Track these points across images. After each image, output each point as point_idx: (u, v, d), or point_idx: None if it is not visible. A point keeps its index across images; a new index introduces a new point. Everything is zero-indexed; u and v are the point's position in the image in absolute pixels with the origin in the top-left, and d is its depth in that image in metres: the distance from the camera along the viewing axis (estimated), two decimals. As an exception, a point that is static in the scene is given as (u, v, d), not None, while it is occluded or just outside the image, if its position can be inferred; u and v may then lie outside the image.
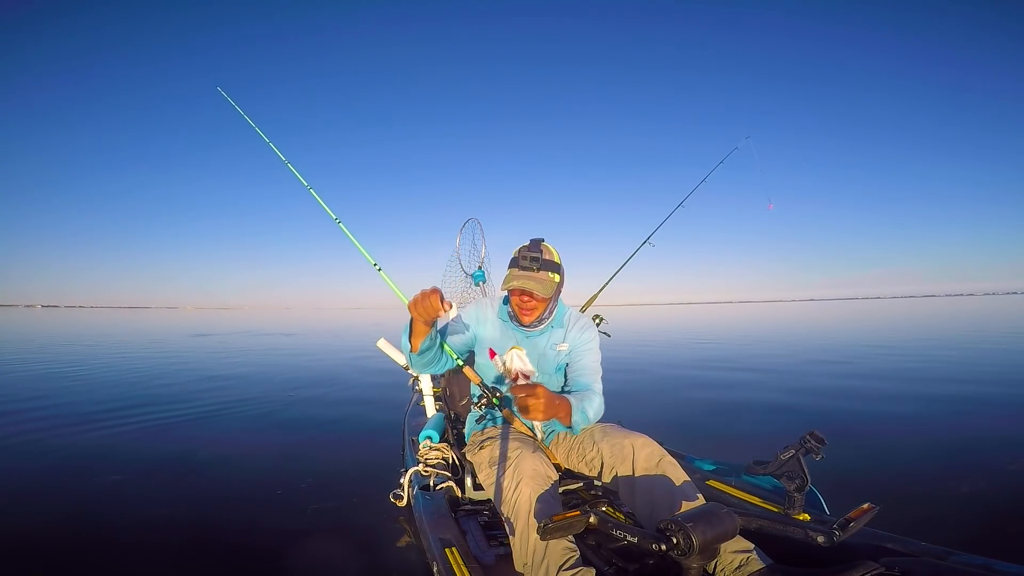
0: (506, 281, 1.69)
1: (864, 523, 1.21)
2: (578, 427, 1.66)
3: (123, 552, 2.15)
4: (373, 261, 2.21)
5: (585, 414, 1.64)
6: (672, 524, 1.01)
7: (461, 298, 2.97)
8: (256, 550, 2.17)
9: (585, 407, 1.65)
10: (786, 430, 3.76)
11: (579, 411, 1.62)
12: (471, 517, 1.82)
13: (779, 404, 5.16)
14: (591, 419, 1.68)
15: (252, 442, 3.91)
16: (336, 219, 2.25)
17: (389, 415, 4.26)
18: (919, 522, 2.21)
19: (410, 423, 2.84)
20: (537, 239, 1.75)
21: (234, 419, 4.72)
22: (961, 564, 1.21)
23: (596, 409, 1.71)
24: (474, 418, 1.92)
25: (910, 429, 4.04)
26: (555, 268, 1.70)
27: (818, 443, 1.50)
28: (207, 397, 5.71)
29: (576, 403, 1.62)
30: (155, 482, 3.00)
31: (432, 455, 2.03)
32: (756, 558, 1.32)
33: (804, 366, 8.06)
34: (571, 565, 1.31)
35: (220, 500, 2.75)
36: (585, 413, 1.64)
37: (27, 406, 5.21)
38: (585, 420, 1.65)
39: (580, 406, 1.63)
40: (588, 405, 1.67)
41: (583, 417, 1.64)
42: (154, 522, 2.43)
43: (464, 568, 1.35)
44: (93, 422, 4.45)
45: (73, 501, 2.71)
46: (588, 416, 1.66)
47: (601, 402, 1.75)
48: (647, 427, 1.74)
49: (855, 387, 5.96)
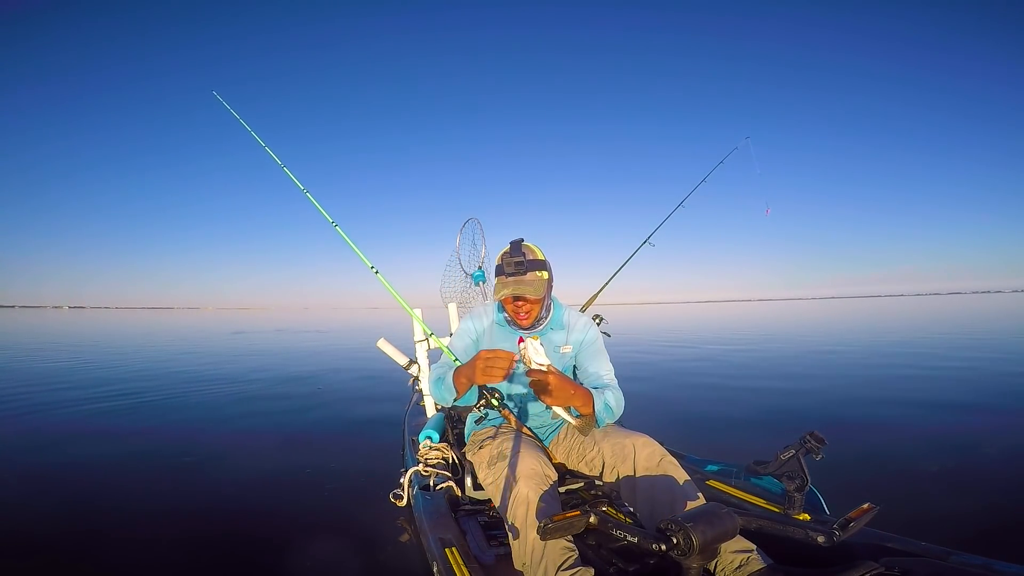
0: (496, 291, 1.68)
1: (864, 523, 1.21)
2: (602, 419, 1.59)
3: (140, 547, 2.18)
4: (370, 264, 2.21)
5: (609, 406, 1.60)
6: (672, 524, 1.01)
7: (461, 298, 2.97)
8: (256, 549, 2.17)
9: (608, 399, 1.61)
10: (786, 430, 3.77)
11: (602, 402, 1.57)
12: (471, 517, 1.82)
13: (779, 404, 5.16)
14: (615, 411, 1.63)
15: (252, 441, 3.92)
16: (333, 222, 2.25)
17: (389, 415, 4.26)
18: (919, 522, 2.21)
19: (410, 423, 2.84)
20: (517, 240, 1.72)
21: (240, 418, 4.72)
22: (961, 564, 1.21)
23: (618, 402, 1.66)
24: (474, 418, 1.92)
25: (910, 429, 4.04)
26: (541, 266, 1.68)
27: (818, 443, 1.50)
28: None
29: (598, 394, 1.58)
30: (152, 480, 3.01)
31: (432, 455, 2.04)
32: (756, 558, 1.32)
33: (804, 366, 8.06)
34: (570, 565, 1.31)
35: (220, 499, 2.75)
36: (608, 405, 1.60)
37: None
38: (609, 413, 1.61)
39: (603, 397, 1.59)
40: (611, 395, 1.63)
41: (606, 408, 1.59)
42: (153, 520, 2.43)
43: (464, 568, 1.35)
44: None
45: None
46: (612, 408, 1.62)
47: (621, 395, 1.70)
48: (647, 427, 1.74)
49: (856, 387, 5.96)
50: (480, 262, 2.90)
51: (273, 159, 2.46)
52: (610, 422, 1.69)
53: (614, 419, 1.67)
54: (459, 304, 2.96)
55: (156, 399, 5.66)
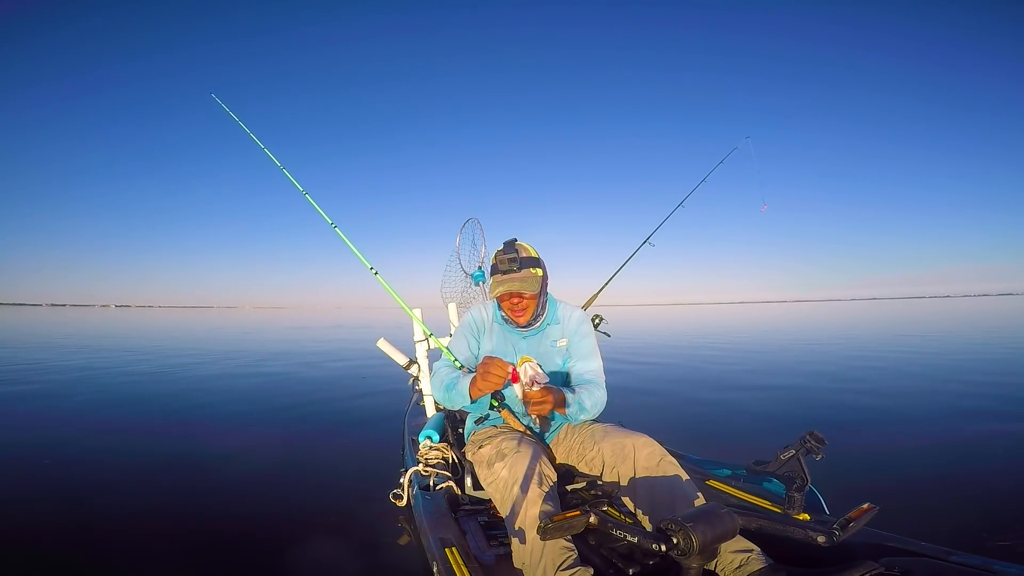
0: (492, 289, 1.72)
1: (864, 523, 1.21)
2: (575, 418, 1.69)
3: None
4: (369, 265, 2.21)
5: (582, 405, 1.67)
6: (672, 524, 1.01)
7: (461, 298, 2.97)
8: (256, 549, 2.17)
9: (583, 399, 1.67)
10: (786, 430, 3.77)
11: (575, 403, 1.65)
12: (471, 517, 1.82)
13: (779, 404, 5.16)
14: (589, 410, 1.70)
15: (252, 441, 3.91)
16: (332, 223, 2.26)
17: (388, 414, 4.26)
18: (919, 522, 2.21)
19: (410, 423, 2.84)
20: (511, 240, 1.77)
21: (236, 417, 4.72)
22: (961, 564, 1.21)
23: (596, 400, 1.72)
24: (474, 418, 1.93)
25: (910, 429, 4.04)
26: (535, 263, 1.73)
27: (818, 443, 1.50)
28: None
29: (572, 396, 1.64)
30: (152, 479, 3.00)
31: (432, 455, 2.04)
32: (756, 558, 1.32)
33: (806, 366, 8.06)
34: (569, 565, 1.31)
35: (220, 498, 2.75)
36: (582, 404, 1.67)
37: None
38: (582, 410, 1.68)
39: (577, 398, 1.66)
40: (587, 396, 1.69)
41: (579, 408, 1.66)
42: (152, 519, 2.43)
43: (464, 568, 1.35)
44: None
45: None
46: (586, 407, 1.68)
47: (602, 394, 1.76)
48: (647, 427, 1.74)
49: (856, 387, 5.95)
50: (480, 262, 2.90)
51: (273, 161, 2.47)
52: (586, 419, 1.76)
53: (589, 417, 1.74)
54: (459, 304, 2.97)
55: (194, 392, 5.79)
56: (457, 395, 1.67)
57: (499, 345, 1.83)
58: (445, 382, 1.73)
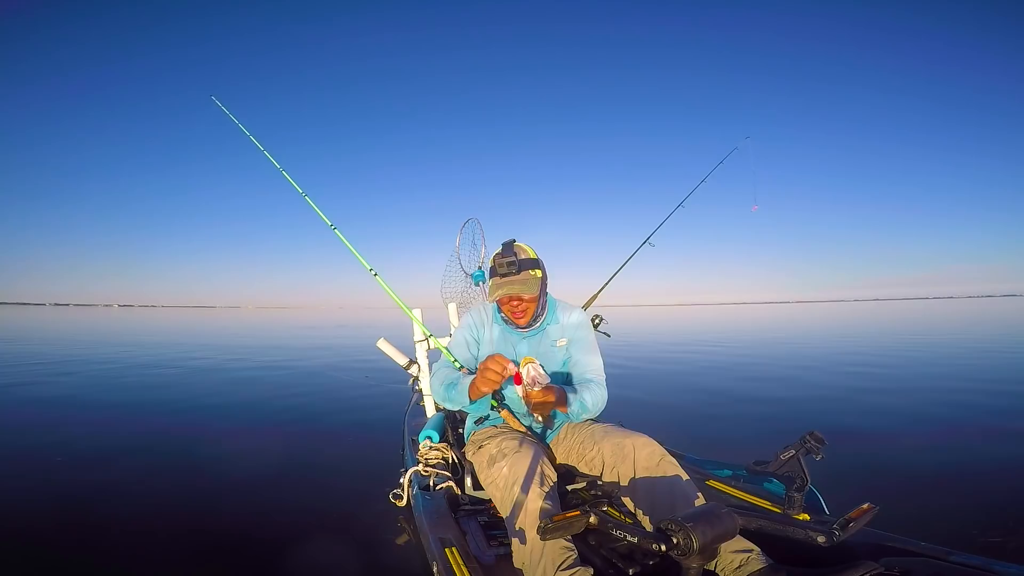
0: (491, 292, 1.71)
1: (864, 523, 1.21)
2: (577, 416, 1.69)
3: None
4: (369, 266, 2.21)
5: (583, 403, 1.66)
6: (673, 524, 1.01)
7: (461, 298, 2.97)
8: (256, 548, 2.17)
9: (584, 397, 1.67)
10: (786, 430, 3.77)
11: (576, 402, 1.64)
12: (471, 517, 1.82)
13: (779, 404, 5.16)
14: (590, 408, 1.69)
15: (253, 440, 3.91)
16: (331, 225, 2.26)
17: (388, 414, 4.26)
18: (919, 522, 2.21)
19: (410, 423, 2.84)
20: (509, 241, 1.77)
21: (237, 416, 4.72)
22: (961, 564, 1.21)
23: (597, 398, 1.72)
24: (474, 418, 1.93)
25: (910, 429, 4.04)
26: (534, 264, 1.72)
27: (818, 443, 1.50)
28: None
29: (573, 395, 1.64)
30: (148, 478, 3.01)
31: (432, 455, 2.04)
32: (756, 558, 1.32)
33: (806, 366, 8.06)
34: (569, 565, 1.31)
35: (219, 498, 2.75)
36: (583, 403, 1.66)
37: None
38: (584, 409, 1.67)
39: (579, 396, 1.66)
40: (588, 395, 1.69)
41: (581, 406, 1.66)
42: (152, 519, 2.42)
43: (464, 568, 1.35)
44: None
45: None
46: (587, 405, 1.68)
47: (603, 393, 1.76)
48: (647, 427, 1.74)
49: (856, 387, 5.95)
50: (480, 262, 2.90)
51: (273, 163, 2.47)
52: (587, 418, 1.75)
53: (591, 416, 1.73)
54: (459, 304, 2.97)
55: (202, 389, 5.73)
56: (457, 395, 1.67)
57: (499, 346, 1.84)
58: (445, 382, 1.73)
